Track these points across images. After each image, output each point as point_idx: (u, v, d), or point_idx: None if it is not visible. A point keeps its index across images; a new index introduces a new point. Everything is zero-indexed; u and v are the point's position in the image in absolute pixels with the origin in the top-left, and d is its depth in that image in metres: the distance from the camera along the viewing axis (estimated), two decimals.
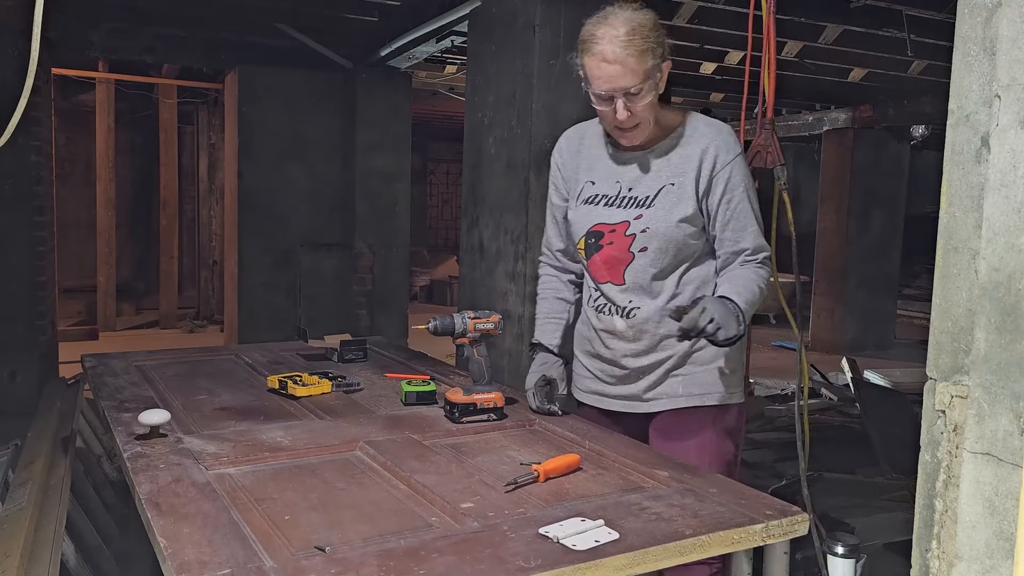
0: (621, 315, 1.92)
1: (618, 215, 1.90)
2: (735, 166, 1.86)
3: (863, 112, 8.01)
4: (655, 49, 1.78)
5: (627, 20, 1.77)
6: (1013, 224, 1.20)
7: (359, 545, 1.30)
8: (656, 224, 1.86)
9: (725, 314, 1.71)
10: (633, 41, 1.75)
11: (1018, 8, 1.20)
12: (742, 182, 1.87)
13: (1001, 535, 1.22)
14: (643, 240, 1.86)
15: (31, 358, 4.73)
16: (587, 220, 1.95)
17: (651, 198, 1.87)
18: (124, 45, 5.72)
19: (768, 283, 1.90)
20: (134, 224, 10.37)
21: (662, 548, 1.31)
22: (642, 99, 1.79)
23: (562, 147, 2.07)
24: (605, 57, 1.76)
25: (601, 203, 1.94)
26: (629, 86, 1.77)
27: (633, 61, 1.75)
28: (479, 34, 3.96)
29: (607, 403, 2.02)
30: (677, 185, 1.86)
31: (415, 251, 10.22)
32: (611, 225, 1.90)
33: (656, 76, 1.80)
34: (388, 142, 6.23)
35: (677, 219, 1.85)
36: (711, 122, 1.92)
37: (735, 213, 1.87)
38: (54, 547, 2.11)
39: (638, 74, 1.76)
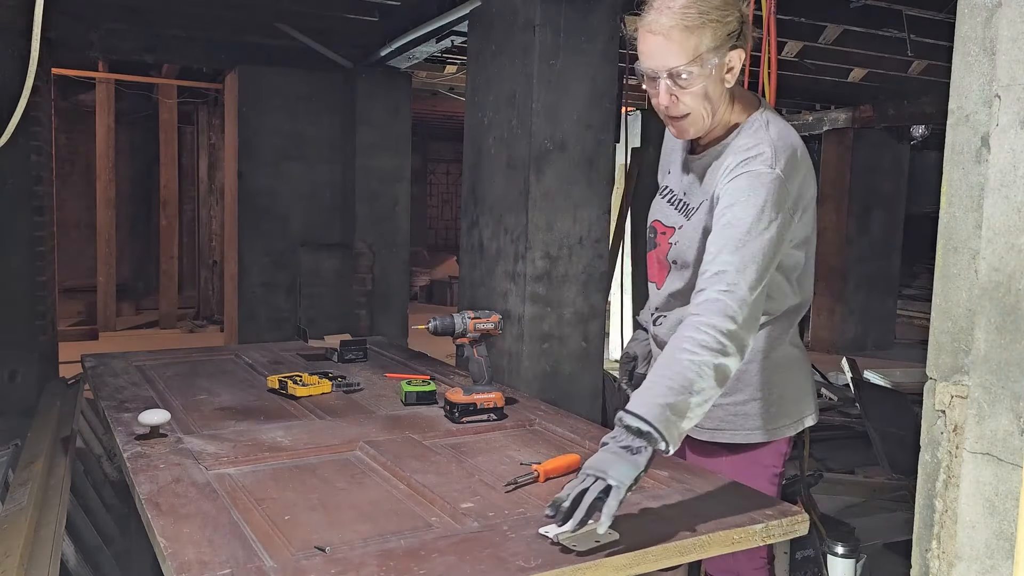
0: (653, 320, 1.82)
1: (672, 217, 1.72)
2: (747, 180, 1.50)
3: (863, 112, 8.01)
4: (717, 29, 1.48)
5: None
6: (1013, 224, 1.20)
7: (359, 545, 1.30)
8: (684, 239, 1.66)
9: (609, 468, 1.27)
10: (688, 13, 1.47)
11: (1018, 8, 1.20)
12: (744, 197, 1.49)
13: (1001, 535, 1.22)
14: (674, 252, 1.69)
15: (31, 358, 4.72)
16: (653, 212, 1.79)
17: (694, 210, 1.65)
18: (124, 45, 5.72)
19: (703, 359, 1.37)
20: (134, 224, 10.37)
21: (662, 548, 1.31)
22: (691, 86, 1.51)
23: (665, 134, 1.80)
24: (651, 28, 1.49)
25: (667, 197, 1.76)
26: (674, 65, 1.49)
27: (680, 35, 1.47)
28: (479, 34, 3.96)
29: None
30: (709, 201, 1.60)
31: (415, 251, 10.22)
32: (664, 227, 1.73)
33: (712, 62, 1.50)
34: (388, 142, 6.23)
35: (699, 238, 1.60)
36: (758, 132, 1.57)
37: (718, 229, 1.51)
38: (54, 547, 2.11)
39: (686, 52, 1.48)
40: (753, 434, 1.72)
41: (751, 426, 1.71)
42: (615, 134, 3.75)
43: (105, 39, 5.58)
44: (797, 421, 1.75)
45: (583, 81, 3.48)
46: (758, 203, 1.48)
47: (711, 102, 1.55)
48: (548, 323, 3.50)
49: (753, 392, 1.70)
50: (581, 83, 3.48)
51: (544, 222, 3.47)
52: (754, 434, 1.72)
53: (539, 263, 3.47)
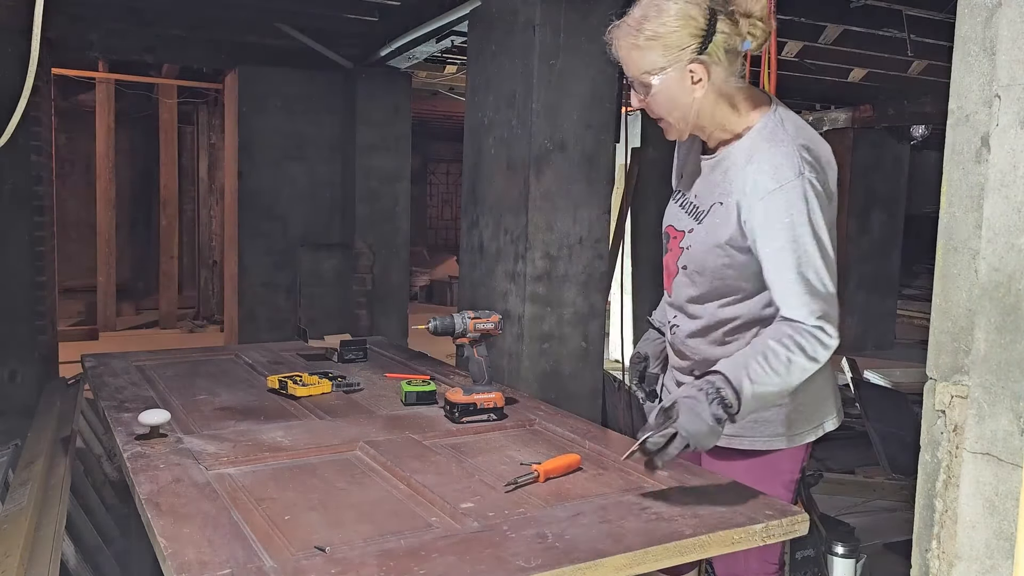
0: (668, 328, 1.82)
1: (683, 221, 1.72)
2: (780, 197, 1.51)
3: (863, 112, 8.01)
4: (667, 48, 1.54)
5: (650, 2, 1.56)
6: (1013, 224, 1.20)
7: (359, 545, 1.30)
8: (696, 244, 1.66)
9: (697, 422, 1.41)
10: (638, 32, 1.57)
11: (1018, 8, 1.20)
12: (787, 216, 1.51)
13: (1001, 535, 1.22)
14: (685, 257, 1.69)
15: (31, 358, 4.72)
16: (667, 217, 1.80)
17: (704, 214, 1.66)
18: (124, 45, 5.72)
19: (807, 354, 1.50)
20: (134, 224, 10.37)
21: (662, 548, 1.31)
22: (654, 93, 1.58)
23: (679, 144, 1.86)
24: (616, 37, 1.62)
25: (679, 201, 1.77)
26: (633, 76, 1.60)
27: (630, 52, 1.58)
28: (479, 34, 3.96)
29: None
30: (724, 205, 1.61)
31: (415, 251, 10.22)
32: (677, 231, 1.74)
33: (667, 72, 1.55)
34: (388, 142, 6.23)
35: (714, 243, 1.62)
36: (776, 134, 1.58)
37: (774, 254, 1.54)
38: (54, 547, 2.11)
39: (638, 67, 1.58)
40: (774, 441, 1.70)
41: (771, 433, 1.70)
42: (615, 134, 3.75)
43: (105, 39, 5.58)
44: (818, 426, 1.74)
45: (583, 81, 3.48)
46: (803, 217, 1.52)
47: (680, 109, 1.60)
48: (548, 323, 3.50)
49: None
50: (581, 83, 3.48)
51: (544, 222, 3.47)
52: (775, 441, 1.70)
53: (539, 263, 3.46)
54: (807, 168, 1.53)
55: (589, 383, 3.65)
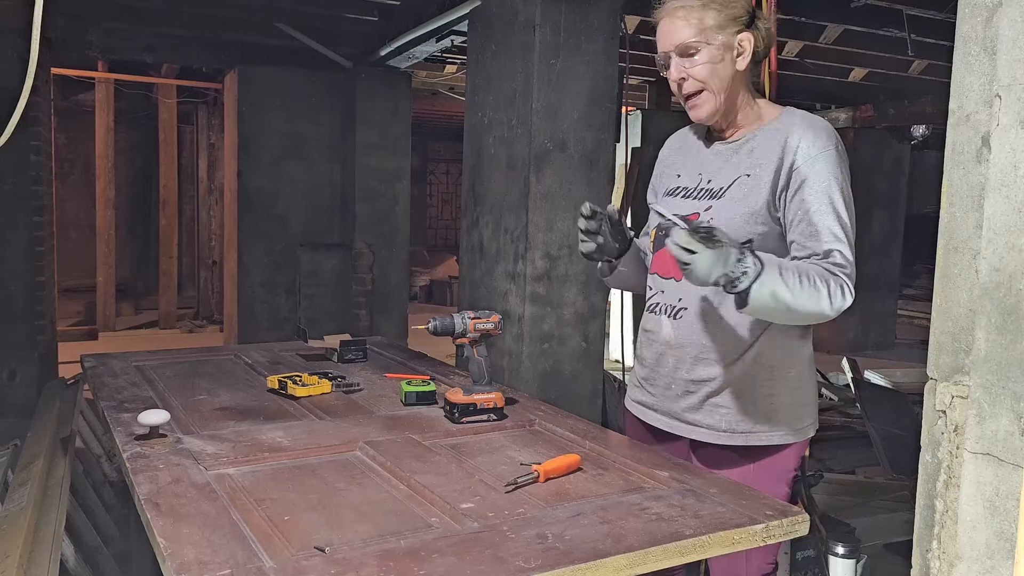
0: (670, 315, 1.76)
1: (690, 206, 1.74)
2: (819, 161, 1.62)
3: (863, 112, 8.01)
4: (721, 11, 1.64)
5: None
6: (1014, 224, 1.20)
7: (359, 545, 1.30)
8: (721, 215, 1.67)
9: (712, 261, 1.45)
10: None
11: (1018, 8, 1.20)
12: (826, 180, 1.62)
13: (1002, 535, 1.22)
14: None
15: (31, 358, 4.72)
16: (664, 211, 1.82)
17: (724, 189, 1.70)
18: (124, 45, 5.72)
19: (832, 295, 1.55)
20: (134, 224, 10.37)
21: (662, 548, 1.31)
22: (699, 59, 1.65)
23: (665, 146, 1.95)
24: (661, 14, 1.68)
25: (679, 195, 1.80)
26: (680, 40, 1.65)
27: (684, 12, 1.64)
28: (479, 34, 3.96)
29: (649, 416, 1.86)
30: (753, 177, 1.67)
31: (415, 251, 10.22)
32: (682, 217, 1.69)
33: (718, 39, 1.65)
34: (388, 142, 6.23)
35: (745, 212, 1.66)
36: (807, 115, 1.71)
37: (807, 215, 1.61)
38: (54, 547, 2.11)
39: (690, 27, 1.64)
40: (784, 436, 1.72)
41: (781, 428, 1.72)
42: (615, 134, 3.74)
43: (105, 39, 5.58)
44: (815, 420, 1.78)
45: (583, 81, 3.48)
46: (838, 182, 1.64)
47: (721, 80, 1.68)
48: (548, 323, 3.50)
49: (787, 390, 1.72)
50: (581, 83, 3.48)
51: (544, 222, 3.47)
52: (785, 436, 1.72)
53: (539, 263, 3.46)
54: (838, 143, 1.67)
55: (589, 383, 3.65)
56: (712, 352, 1.71)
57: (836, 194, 1.63)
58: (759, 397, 1.71)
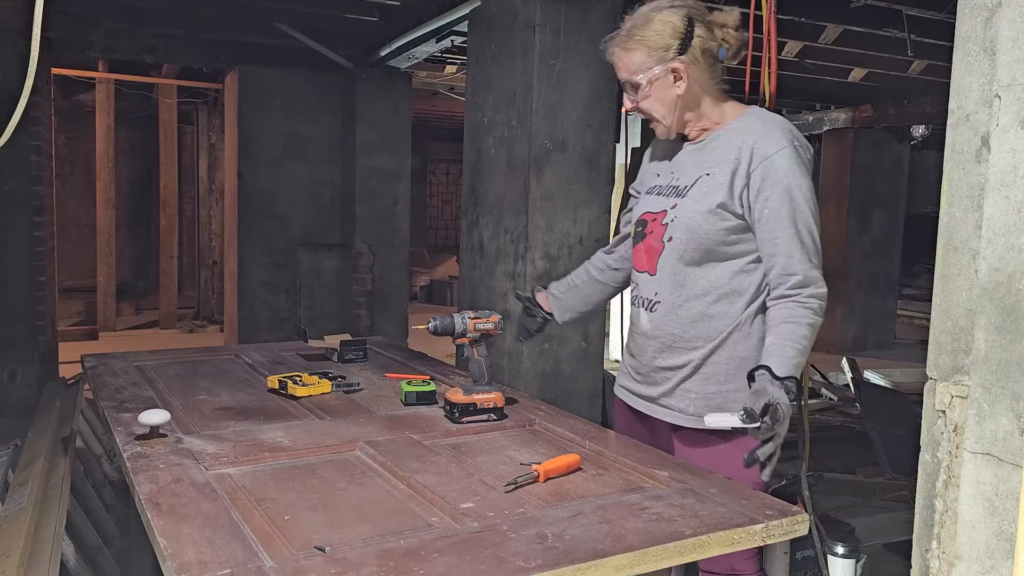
0: (646, 307, 1.89)
1: (661, 203, 1.88)
2: (778, 160, 1.72)
3: (863, 112, 8.00)
4: (653, 47, 1.77)
5: (639, 12, 1.81)
6: (1013, 224, 1.20)
7: (359, 545, 1.30)
8: (683, 213, 1.80)
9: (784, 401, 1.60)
10: (630, 33, 1.80)
11: (1018, 8, 1.20)
12: (786, 179, 1.71)
13: (1001, 535, 1.22)
14: (671, 230, 1.82)
15: (31, 358, 4.72)
16: (640, 209, 1.96)
17: (688, 187, 1.83)
18: (124, 45, 5.72)
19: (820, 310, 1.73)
20: (134, 224, 10.37)
21: (662, 548, 1.31)
22: (643, 94, 1.82)
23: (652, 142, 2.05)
24: (613, 49, 1.85)
25: (655, 193, 1.93)
26: (626, 77, 1.84)
27: (623, 55, 1.82)
28: (479, 34, 3.96)
29: (633, 400, 1.98)
30: (712, 176, 1.79)
31: (415, 251, 10.22)
32: (654, 214, 1.89)
33: (653, 71, 1.78)
34: (388, 142, 6.23)
35: (704, 208, 1.77)
36: (765, 115, 1.83)
37: (774, 212, 1.72)
38: (54, 547, 2.11)
39: (628, 69, 1.82)
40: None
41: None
42: (615, 134, 3.74)
43: (105, 39, 5.58)
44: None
45: (583, 81, 3.48)
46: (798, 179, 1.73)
47: (665, 106, 1.82)
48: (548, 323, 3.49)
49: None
50: (581, 83, 3.48)
51: (544, 222, 3.47)
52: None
53: (539, 263, 3.46)
54: (796, 140, 1.76)
55: (589, 383, 3.65)
56: (684, 342, 1.82)
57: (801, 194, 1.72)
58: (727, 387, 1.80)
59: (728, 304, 1.78)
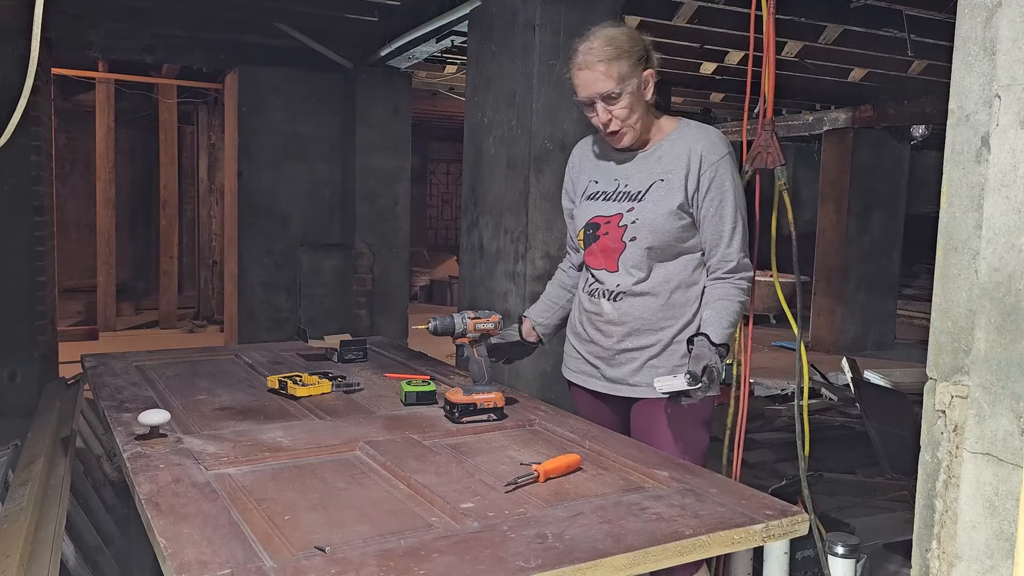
0: (609, 299, 2.04)
1: (613, 208, 2.05)
2: (721, 166, 1.97)
3: (863, 112, 8.00)
4: (629, 56, 1.93)
5: (601, 32, 1.96)
6: (1013, 224, 1.20)
7: (359, 545, 1.30)
8: (645, 215, 1.99)
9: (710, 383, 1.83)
10: (605, 49, 1.92)
11: (1018, 8, 1.20)
12: (727, 181, 1.98)
13: (1001, 535, 1.22)
14: (633, 230, 2.00)
15: (31, 358, 4.72)
16: (587, 213, 2.11)
17: (642, 192, 2.02)
18: (124, 45, 5.72)
19: (748, 292, 2.03)
20: (134, 224, 10.36)
21: (662, 548, 1.31)
22: (620, 103, 1.95)
23: (574, 155, 2.26)
24: (580, 65, 1.95)
25: (600, 198, 2.10)
26: (604, 91, 1.93)
27: (603, 66, 1.92)
28: (479, 34, 3.96)
29: (594, 384, 2.12)
30: (667, 181, 1.99)
31: (415, 251, 10.22)
32: (606, 217, 2.05)
33: (632, 82, 1.94)
34: (388, 142, 6.23)
35: (665, 211, 1.98)
36: (701, 125, 2.06)
37: (718, 210, 1.98)
38: (54, 547, 2.11)
39: (611, 78, 1.92)
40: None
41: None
42: None
43: (105, 39, 5.58)
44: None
45: None
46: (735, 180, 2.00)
47: (636, 114, 1.99)
48: None
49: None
50: None
51: (544, 222, 3.46)
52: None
53: (539, 263, 3.46)
54: (730, 148, 2.02)
55: None
56: (652, 324, 2.01)
57: (737, 195, 1.99)
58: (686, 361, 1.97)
59: (688, 291, 2.02)
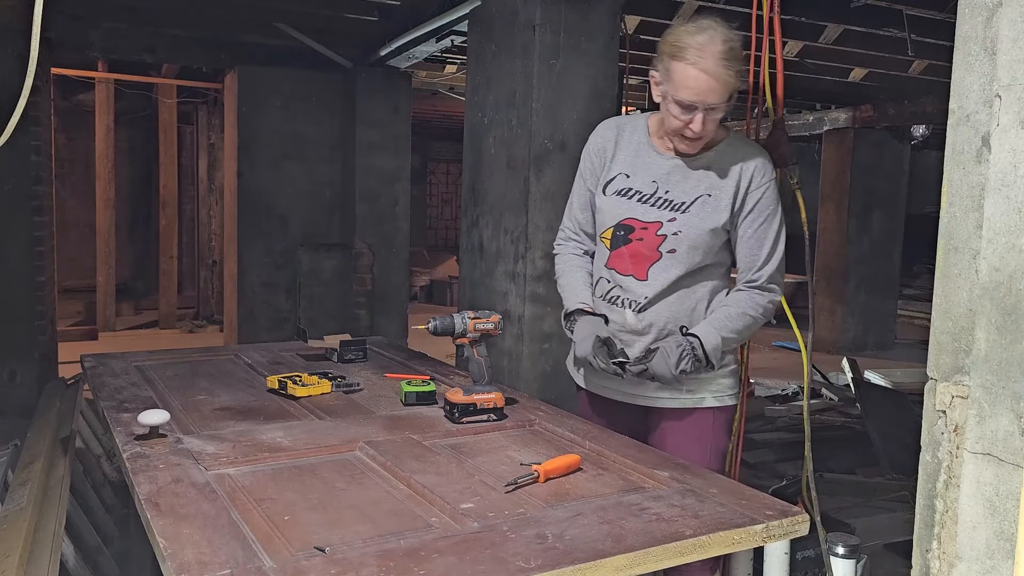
0: (634, 308, 1.97)
1: (652, 214, 1.95)
2: (769, 190, 1.93)
3: (863, 112, 8.00)
4: (742, 71, 1.87)
5: (726, 38, 1.81)
6: (1014, 224, 1.20)
7: (359, 545, 1.30)
8: (689, 230, 1.91)
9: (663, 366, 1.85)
10: (731, 61, 1.80)
11: (1018, 8, 1.20)
12: (772, 205, 1.94)
13: (1001, 535, 1.22)
14: (674, 242, 1.92)
15: (31, 358, 4.72)
16: (618, 212, 1.99)
17: (687, 204, 1.93)
18: (124, 45, 5.72)
19: (766, 313, 1.96)
20: (134, 224, 10.36)
21: (662, 548, 1.31)
22: (717, 115, 1.86)
23: (603, 135, 2.07)
24: (705, 69, 1.79)
25: (635, 198, 1.97)
26: (715, 102, 1.82)
27: (725, 79, 1.80)
28: (479, 34, 3.96)
29: (609, 392, 2.06)
30: (714, 197, 1.92)
31: (415, 251, 10.21)
32: (643, 222, 1.95)
33: (733, 95, 1.86)
34: (388, 142, 6.22)
35: (710, 228, 1.91)
36: (750, 142, 1.99)
37: (756, 233, 1.93)
38: (54, 547, 2.11)
39: (726, 91, 1.82)
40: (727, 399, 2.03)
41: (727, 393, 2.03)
42: None
43: (105, 39, 5.58)
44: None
45: (583, 81, 3.48)
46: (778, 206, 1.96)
47: (715, 123, 1.90)
48: (548, 323, 3.49)
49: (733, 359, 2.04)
50: (581, 83, 3.48)
51: (544, 222, 3.46)
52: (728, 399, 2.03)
53: (539, 263, 3.46)
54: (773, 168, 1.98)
55: None
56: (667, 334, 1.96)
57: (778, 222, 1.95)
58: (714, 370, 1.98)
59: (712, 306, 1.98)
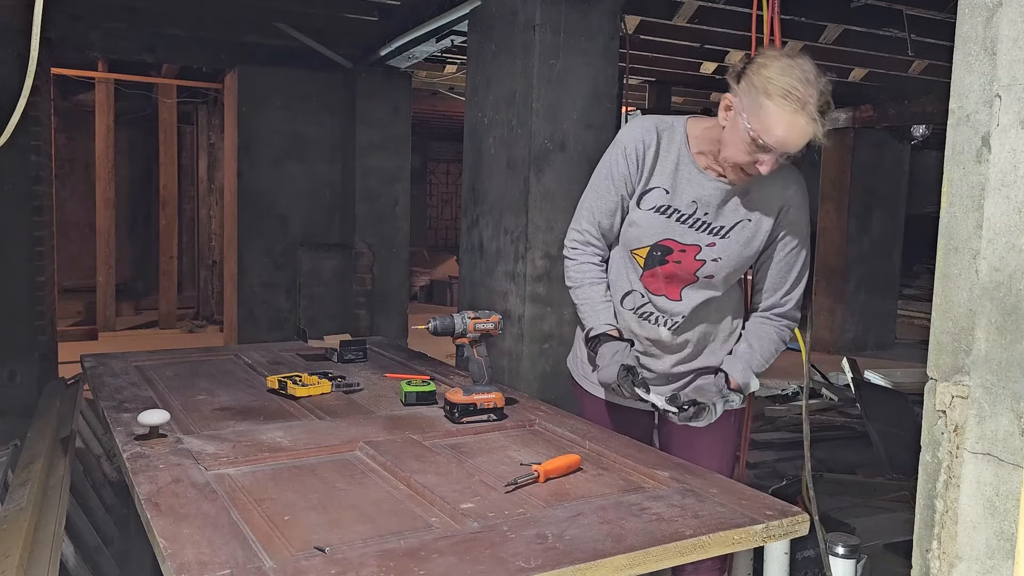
0: (668, 327, 1.98)
1: (690, 236, 1.91)
2: (803, 215, 1.94)
3: (863, 112, 8.00)
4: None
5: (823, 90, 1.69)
6: (1014, 224, 1.20)
7: (359, 545, 1.30)
8: (729, 258, 1.91)
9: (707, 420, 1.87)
10: (826, 114, 1.70)
11: (1018, 8, 1.20)
12: (804, 230, 1.95)
13: (1002, 535, 1.22)
14: (712, 268, 1.91)
15: (31, 358, 4.72)
16: (656, 230, 1.91)
17: (726, 229, 1.90)
18: (124, 45, 5.72)
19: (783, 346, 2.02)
20: (134, 224, 10.36)
21: (662, 548, 1.31)
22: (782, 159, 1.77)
23: (645, 138, 1.92)
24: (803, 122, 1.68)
25: (673, 217, 1.91)
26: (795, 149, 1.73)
27: (817, 132, 1.70)
28: (479, 34, 3.96)
29: (623, 400, 2.00)
30: (754, 222, 1.91)
31: (415, 251, 10.21)
32: (682, 244, 1.91)
33: None
34: (388, 142, 6.22)
35: (749, 254, 1.93)
36: (790, 167, 1.89)
37: (786, 258, 1.95)
38: (54, 547, 2.11)
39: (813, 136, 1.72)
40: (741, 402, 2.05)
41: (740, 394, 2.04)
42: (615, 134, 3.74)
43: (105, 39, 5.58)
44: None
45: (583, 81, 3.48)
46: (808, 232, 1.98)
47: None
48: (548, 323, 3.49)
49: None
50: (581, 83, 3.48)
51: (544, 222, 3.46)
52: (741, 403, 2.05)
53: (539, 263, 3.46)
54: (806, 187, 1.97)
55: None
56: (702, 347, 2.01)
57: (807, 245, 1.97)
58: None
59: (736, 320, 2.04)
